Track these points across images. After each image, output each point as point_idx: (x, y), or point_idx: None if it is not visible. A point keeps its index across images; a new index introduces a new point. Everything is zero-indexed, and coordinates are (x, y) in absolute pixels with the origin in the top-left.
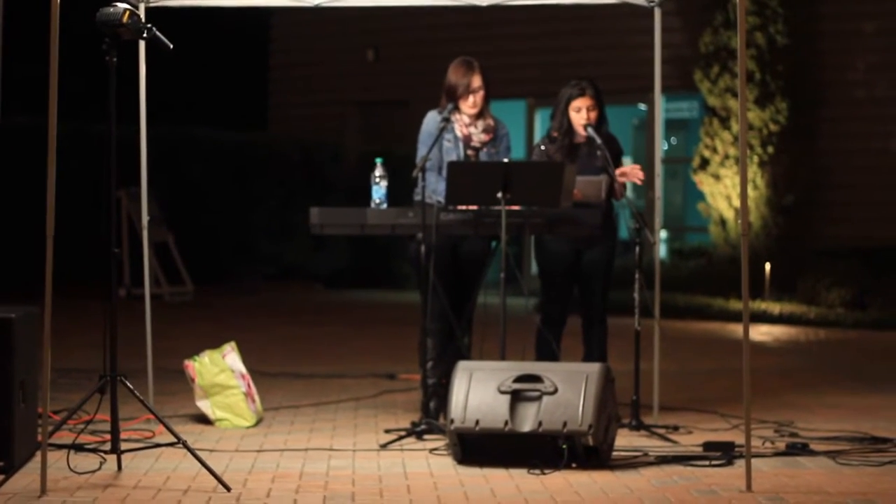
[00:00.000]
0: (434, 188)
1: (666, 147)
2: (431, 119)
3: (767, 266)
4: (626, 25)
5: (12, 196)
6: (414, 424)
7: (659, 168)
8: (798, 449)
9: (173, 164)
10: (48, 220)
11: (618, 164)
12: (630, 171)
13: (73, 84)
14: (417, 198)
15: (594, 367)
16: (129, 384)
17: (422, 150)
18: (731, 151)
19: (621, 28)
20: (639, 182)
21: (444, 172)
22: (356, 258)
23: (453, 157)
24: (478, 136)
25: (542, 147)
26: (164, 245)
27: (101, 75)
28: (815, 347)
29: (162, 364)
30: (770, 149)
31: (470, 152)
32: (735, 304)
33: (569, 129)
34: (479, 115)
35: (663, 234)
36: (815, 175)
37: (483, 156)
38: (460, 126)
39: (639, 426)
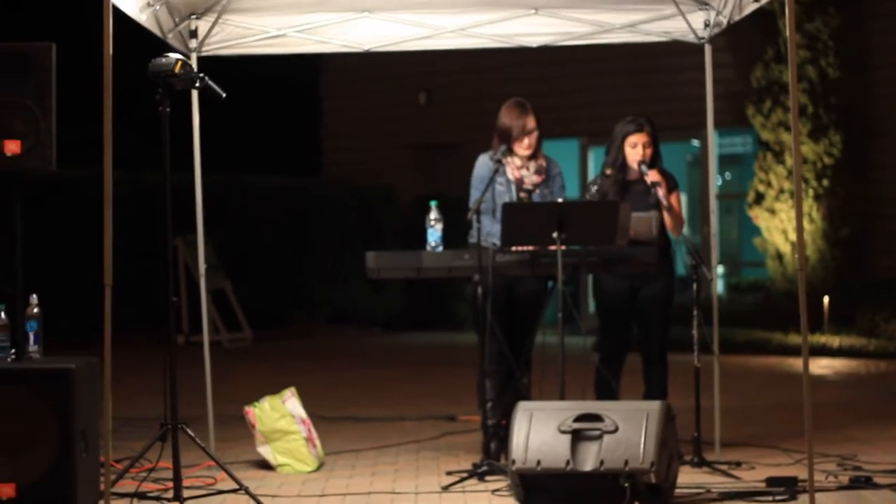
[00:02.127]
0: (489, 231)
1: (720, 182)
2: (483, 163)
3: (826, 299)
4: (677, 62)
5: (71, 246)
6: (475, 466)
7: (714, 204)
8: (862, 482)
9: (228, 210)
10: (106, 269)
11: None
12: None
13: (128, 134)
14: (472, 240)
15: (654, 405)
16: (189, 431)
17: (474, 194)
18: (786, 185)
19: (672, 65)
20: (648, 179)
21: (498, 214)
22: (412, 301)
23: (506, 200)
24: (530, 178)
25: (596, 186)
26: (221, 292)
27: (155, 125)
28: (875, 380)
29: (222, 410)
30: (825, 182)
31: (523, 195)
32: (794, 338)
33: (623, 164)
34: (532, 157)
35: (720, 269)
36: (870, 207)
37: (536, 197)
38: (512, 169)
39: (700, 463)
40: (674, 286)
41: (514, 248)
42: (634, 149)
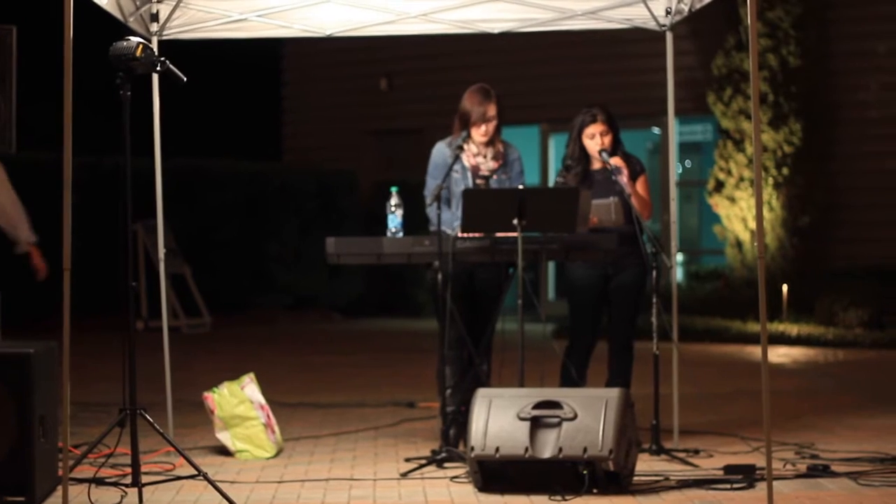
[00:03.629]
0: (443, 219)
1: (680, 170)
2: (439, 150)
3: (784, 288)
4: (638, 50)
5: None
6: (434, 452)
7: (674, 191)
8: (819, 471)
9: (189, 195)
10: (65, 253)
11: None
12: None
13: (88, 118)
14: (432, 228)
15: (613, 393)
16: (148, 417)
17: (430, 182)
18: (746, 173)
19: (634, 52)
20: (609, 165)
21: (455, 202)
22: (372, 287)
23: (461, 188)
24: (486, 164)
25: (561, 180)
26: (180, 277)
27: (115, 109)
28: (833, 368)
29: (181, 396)
30: (785, 170)
31: (479, 181)
32: (753, 326)
33: (581, 155)
34: (489, 143)
35: (679, 257)
36: (830, 195)
37: (493, 183)
38: (468, 156)
39: (659, 450)
40: (646, 274)
41: (471, 235)
42: (593, 140)
